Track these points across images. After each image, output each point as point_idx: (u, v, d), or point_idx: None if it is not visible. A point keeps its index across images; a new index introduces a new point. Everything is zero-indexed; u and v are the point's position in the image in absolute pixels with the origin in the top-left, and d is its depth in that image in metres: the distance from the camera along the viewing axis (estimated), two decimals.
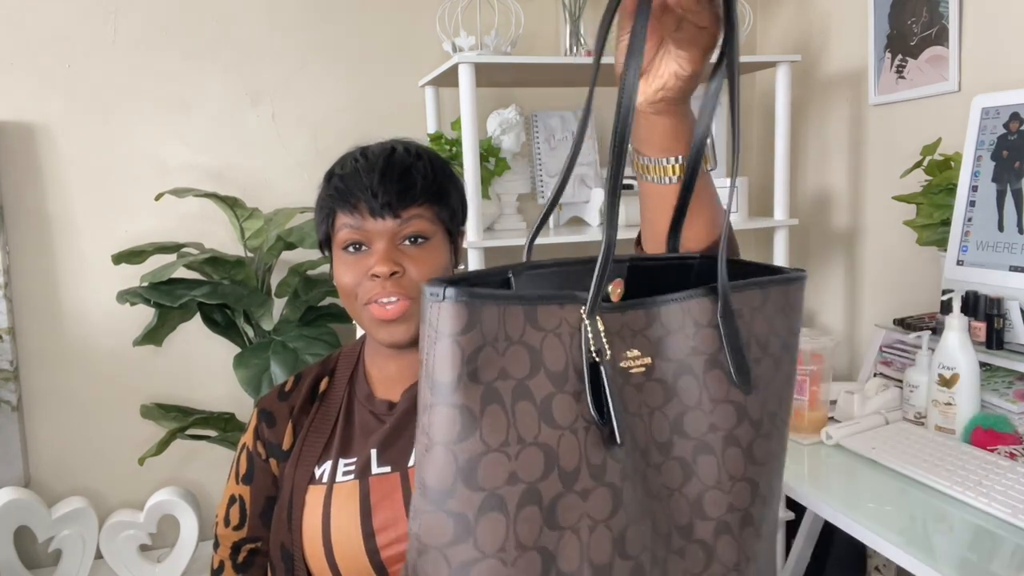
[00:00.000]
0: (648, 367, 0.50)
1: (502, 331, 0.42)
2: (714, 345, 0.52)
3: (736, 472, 0.52)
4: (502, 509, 0.42)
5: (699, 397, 0.51)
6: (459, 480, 0.41)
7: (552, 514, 0.43)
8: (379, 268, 0.80)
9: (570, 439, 0.44)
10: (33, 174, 1.92)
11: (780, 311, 0.55)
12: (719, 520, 0.51)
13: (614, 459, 0.46)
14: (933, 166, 1.58)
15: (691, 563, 0.51)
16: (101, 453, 2.02)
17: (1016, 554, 0.94)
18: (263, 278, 1.92)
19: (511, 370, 0.42)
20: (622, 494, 0.46)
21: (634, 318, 0.50)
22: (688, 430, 0.51)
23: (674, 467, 0.51)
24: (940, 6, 1.71)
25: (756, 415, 0.53)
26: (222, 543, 0.90)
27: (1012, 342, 1.33)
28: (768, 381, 0.54)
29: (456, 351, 0.41)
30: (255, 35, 2.04)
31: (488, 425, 0.42)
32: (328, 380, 0.93)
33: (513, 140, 1.96)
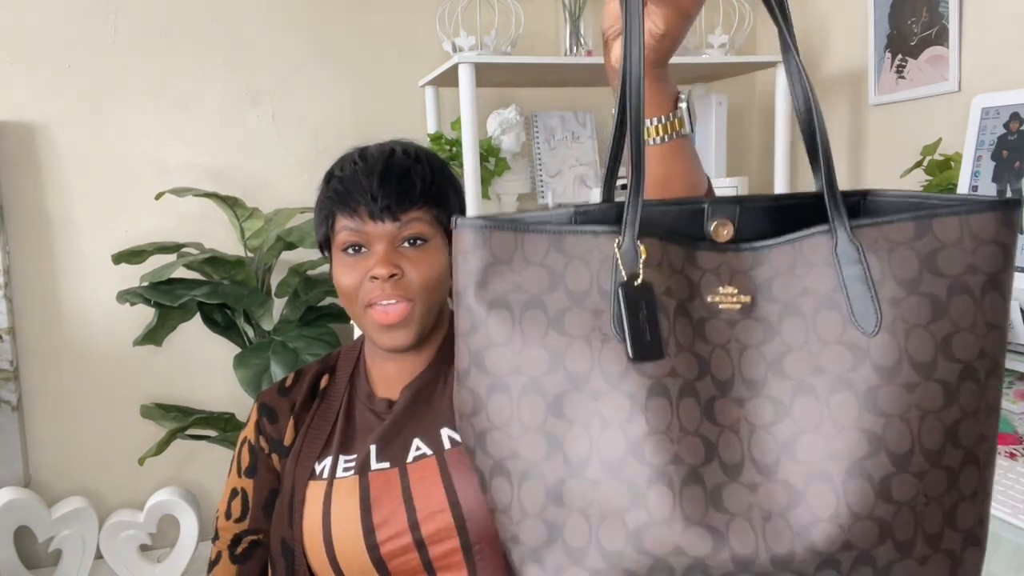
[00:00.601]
0: (746, 305, 0.52)
1: (519, 253, 0.51)
2: (829, 284, 0.50)
3: (845, 419, 0.48)
4: (506, 393, 0.51)
5: (805, 338, 0.50)
6: (472, 365, 0.52)
7: (558, 406, 0.50)
8: (378, 270, 0.80)
9: (580, 346, 0.50)
10: (33, 174, 1.92)
11: (953, 246, 0.50)
12: (814, 465, 0.48)
13: (642, 373, 0.49)
14: (933, 166, 1.58)
15: (765, 499, 0.49)
16: (101, 453, 2.02)
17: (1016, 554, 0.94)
18: (263, 278, 1.92)
19: (526, 285, 0.51)
20: (646, 407, 0.48)
21: (737, 258, 0.53)
22: (788, 370, 0.50)
23: (764, 404, 0.50)
24: (940, 6, 1.71)
25: (887, 360, 0.48)
26: (222, 535, 0.90)
27: (1012, 342, 1.33)
28: (917, 324, 0.49)
29: (465, 265, 0.51)
30: (255, 35, 2.04)
31: (493, 325, 0.51)
32: (329, 377, 0.93)
33: (513, 140, 1.96)
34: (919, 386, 0.48)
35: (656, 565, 0.48)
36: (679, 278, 0.51)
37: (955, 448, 0.49)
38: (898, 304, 0.49)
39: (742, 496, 0.48)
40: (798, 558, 0.48)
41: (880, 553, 0.48)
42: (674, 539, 0.47)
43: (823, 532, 0.47)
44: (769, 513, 0.48)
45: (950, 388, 0.49)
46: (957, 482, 0.50)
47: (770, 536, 0.48)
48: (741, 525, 0.48)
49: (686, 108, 0.63)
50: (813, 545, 0.47)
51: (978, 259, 0.50)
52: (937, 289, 0.49)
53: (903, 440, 0.48)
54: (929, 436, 0.49)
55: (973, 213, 0.50)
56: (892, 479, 0.48)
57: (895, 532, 0.48)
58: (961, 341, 0.49)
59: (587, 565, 0.49)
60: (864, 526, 0.48)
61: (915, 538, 0.49)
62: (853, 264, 0.50)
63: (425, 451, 0.84)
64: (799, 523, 0.48)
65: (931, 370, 0.49)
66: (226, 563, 0.89)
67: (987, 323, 0.50)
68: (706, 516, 0.48)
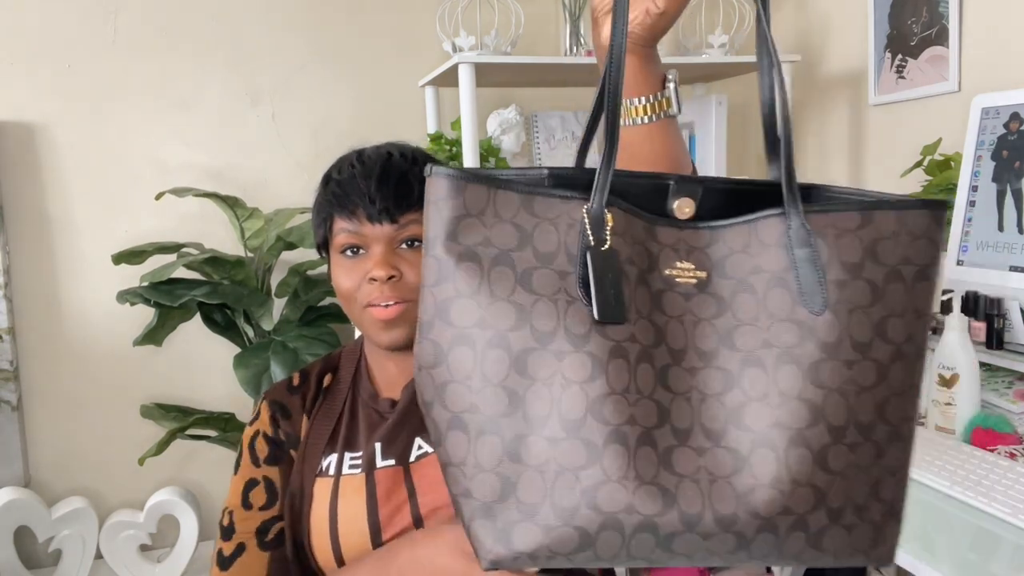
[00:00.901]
0: (702, 280, 0.54)
1: (491, 208, 0.52)
2: (781, 264, 0.53)
3: (789, 390, 0.51)
4: (470, 345, 0.51)
5: (755, 314, 0.53)
6: (437, 316, 0.52)
7: (522, 363, 0.51)
8: (377, 272, 0.81)
9: (546, 305, 0.51)
10: (33, 174, 1.92)
11: (889, 238, 0.53)
12: (758, 433, 0.51)
13: (603, 336, 0.50)
14: (933, 166, 1.58)
15: (711, 463, 0.51)
16: (101, 453, 2.02)
17: (1016, 554, 0.94)
18: (263, 278, 1.92)
19: (495, 240, 0.52)
20: (607, 368, 0.50)
21: (695, 235, 0.55)
22: (738, 343, 0.53)
23: (714, 374, 0.53)
24: (940, 6, 1.71)
25: (830, 338, 0.52)
26: (241, 527, 0.87)
27: (1012, 342, 1.33)
28: (858, 306, 0.52)
29: (436, 213, 0.52)
30: (255, 35, 2.04)
31: (462, 277, 0.51)
32: (332, 376, 0.94)
33: (513, 140, 1.96)
34: (857, 363, 0.52)
35: (607, 522, 0.50)
36: (640, 249, 0.54)
37: (884, 424, 0.53)
38: (843, 287, 0.53)
39: (691, 459, 0.51)
40: (740, 520, 0.50)
41: (813, 519, 0.51)
42: (627, 497, 0.49)
43: (764, 496, 0.50)
44: (715, 476, 0.51)
45: (883, 367, 0.53)
46: (883, 457, 0.53)
47: (715, 498, 0.50)
48: (689, 487, 0.50)
49: (673, 89, 0.64)
50: (755, 508, 0.50)
51: (912, 251, 0.54)
52: (876, 276, 0.53)
53: (840, 413, 0.51)
54: (863, 411, 0.52)
55: (909, 210, 0.54)
56: (829, 449, 0.51)
57: (829, 500, 0.51)
58: (894, 325, 0.53)
59: (539, 521, 0.50)
60: (802, 492, 0.51)
61: (845, 507, 0.52)
62: (804, 247, 0.53)
63: (427, 449, 0.85)
64: (743, 487, 0.50)
65: (868, 349, 0.52)
66: (255, 552, 0.86)
67: (915, 310, 0.54)
68: (657, 476, 0.50)
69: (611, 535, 0.50)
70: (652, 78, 0.63)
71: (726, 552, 0.51)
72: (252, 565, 0.86)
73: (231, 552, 0.87)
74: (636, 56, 0.62)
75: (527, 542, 0.50)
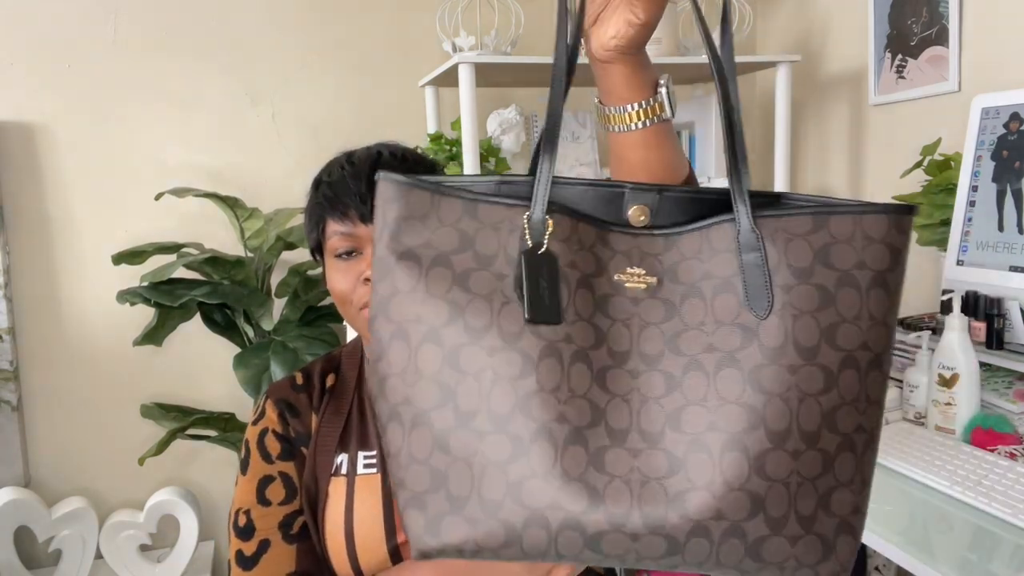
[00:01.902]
0: (652, 286, 0.55)
1: (434, 213, 0.55)
2: (730, 269, 0.54)
3: (728, 394, 0.51)
4: (406, 340, 0.53)
5: (702, 318, 0.53)
6: (379, 311, 0.55)
7: (455, 358, 0.52)
8: (371, 273, 0.80)
9: (481, 304, 0.53)
10: (33, 174, 1.92)
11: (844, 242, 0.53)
12: (694, 436, 0.51)
13: (537, 335, 0.52)
14: (933, 166, 1.58)
15: (645, 464, 0.51)
16: (101, 453, 2.02)
17: (1016, 554, 0.94)
18: (263, 278, 1.92)
19: (436, 243, 0.54)
20: (538, 366, 0.51)
21: (650, 242, 0.56)
22: (683, 348, 0.53)
23: (656, 378, 0.53)
24: (940, 6, 1.71)
25: (773, 342, 0.51)
26: (261, 524, 0.85)
27: (1012, 342, 1.33)
28: (804, 311, 0.52)
29: (381, 215, 0.55)
30: (255, 35, 2.04)
31: (400, 275, 0.54)
32: (335, 376, 0.94)
33: (513, 140, 1.96)
34: (801, 368, 0.51)
35: (532, 518, 0.50)
36: (586, 254, 0.55)
37: (832, 433, 0.51)
38: (789, 291, 0.52)
39: (624, 460, 0.51)
40: (670, 523, 0.50)
41: (751, 527, 0.50)
42: (551, 493, 0.50)
43: (696, 499, 0.50)
44: (647, 478, 0.50)
45: (830, 374, 0.51)
46: (832, 467, 0.52)
47: (645, 499, 0.50)
48: (619, 487, 0.50)
49: (666, 93, 0.64)
50: (686, 511, 0.50)
51: (867, 256, 0.53)
52: (827, 280, 0.53)
53: (782, 418, 0.50)
54: (807, 417, 0.51)
55: (866, 214, 0.53)
56: (767, 455, 0.50)
57: (767, 507, 0.50)
58: (845, 331, 0.52)
59: (466, 514, 0.51)
60: (736, 497, 0.50)
61: (787, 516, 0.51)
62: (752, 251, 0.53)
63: None
64: (675, 489, 0.50)
65: (814, 354, 0.51)
66: (281, 546, 0.84)
67: (871, 317, 0.53)
68: (585, 474, 0.50)
69: (536, 531, 0.50)
70: (644, 83, 0.64)
71: (658, 556, 0.51)
72: (280, 559, 0.83)
73: (254, 551, 0.84)
74: (625, 64, 0.62)
75: (454, 534, 0.52)
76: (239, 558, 0.85)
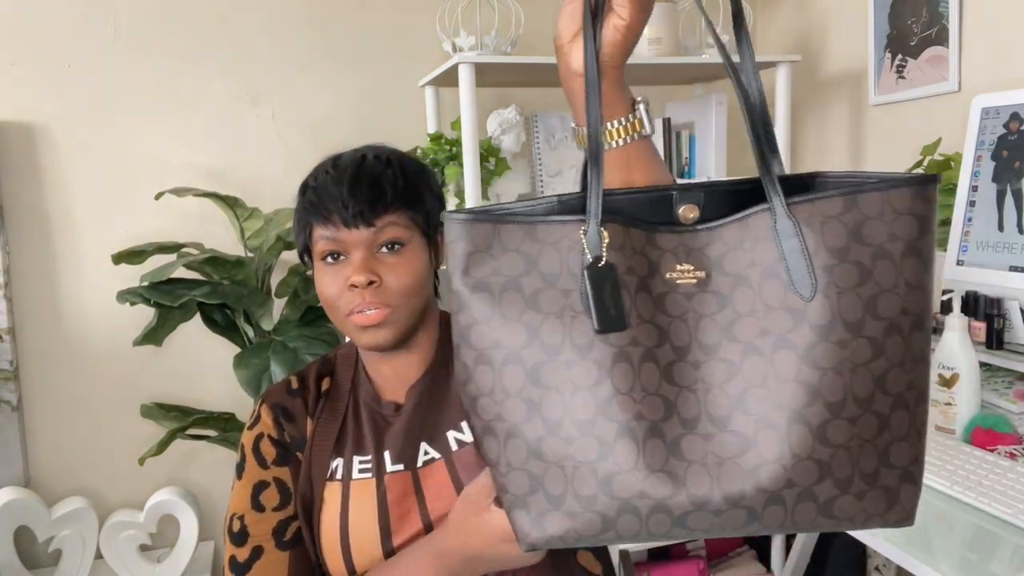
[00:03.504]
0: (702, 280, 0.58)
1: (497, 242, 0.58)
2: (772, 256, 0.57)
3: (787, 373, 0.55)
4: (489, 364, 0.58)
5: (753, 305, 0.57)
6: (461, 340, 0.59)
7: (535, 374, 0.57)
8: (356, 278, 0.80)
9: (553, 322, 0.57)
10: (33, 174, 1.92)
11: (874, 218, 0.56)
12: (761, 416, 0.55)
13: (606, 343, 0.56)
14: (933, 166, 1.58)
15: (718, 447, 0.55)
16: (101, 453, 2.02)
17: (1016, 554, 0.94)
18: (263, 278, 1.92)
19: (504, 270, 0.58)
20: (611, 372, 0.55)
21: (693, 238, 0.59)
22: (738, 334, 0.57)
23: (717, 366, 0.57)
24: (940, 6, 1.71)
25: (821, 320, 0.55)
26: (255, 531, 0.86)
27: (1012, 342, 1.33)
28: (846, 288, 0.55)
29: (451, 253, 0.59)
30: (255, 35, 2.04)
31: (476, 306, 0.58)
32: (330, 379, 0.93)
33: (513, 140, 1.96)
34: (850, 343, 0.55)
35: (623, 507, 0.55)
36: (640, 258, 0.58)
37: (884, 395, 0.56)
38: (830, 271, 0.56)
39: (698, 445, 0.56)
40: (748, 496, 0.55)
41: (821, 490, 0.55)
42: (638, 485, 0.55)
43: (769, 472, 0.54)
44: (722, 459, 0.55)
45: (877, 343, 0.56)
46: (889, 425, 0.56)
47: (723, 478, 0.55)
48: (697, 470, 0.55)
49: (644, 109, 0.65)
50: (761, 484, 0.54)
51: (896, 228, 0.56)
52: (863, 256, 0.56)
53: (837, 390, 0.55)
54: (860, 385, 0.55)
55: (892, 189, 0.56)
56: (828, 424, 0.55)
57: (834, 471, 0.55)
58: (885, 301, 0.56)
59: (565, 509, 0.57)
60: (805, 466, 0.54)
61: (852, 476, 0.56)
62: (790, 237, 0.56)
63: (433, 455, 0.85)
64: (749, 465, 0.55)
65: (860, 328, 0.55)
66: (273, 553, 0.84)
67: (907, 283, 0.56)
68: (666, 464, 0.55)
69: (629, 518, 0.56)
70: (622, 101, 0.65)
71: (739, 526, 0.56)
72: (272, 566, 0.84)
73: (247, 557, 0.85)
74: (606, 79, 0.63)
75: (557, 527, 0.57)
76: (232, 564, 0.85)
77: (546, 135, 2.15)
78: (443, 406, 0.88)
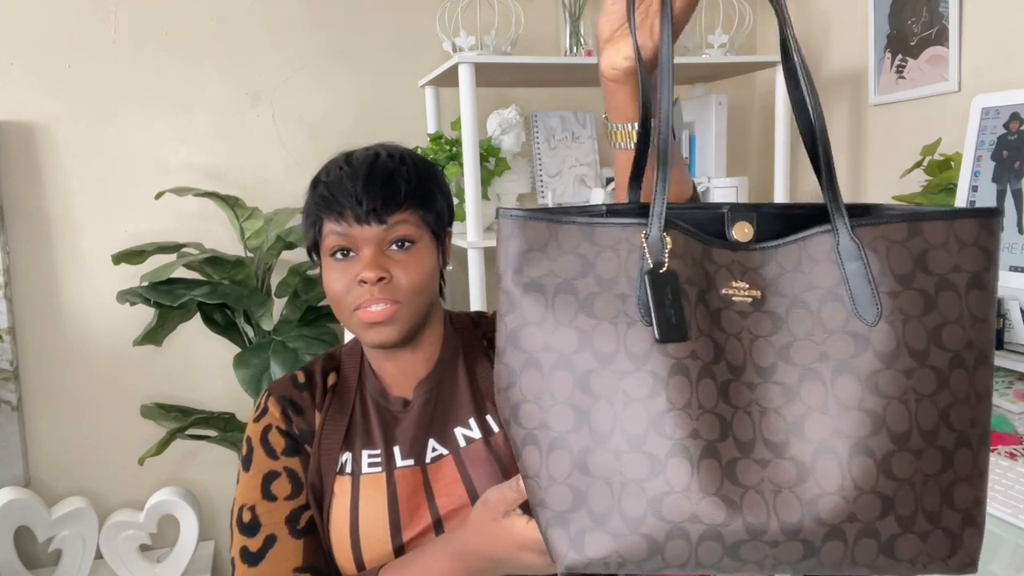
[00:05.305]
0: (756, 299, 0.56)
1: (554, 242, 0.56)
2: (833, 279, 0.55)
3: (849, 400, 0.53)
4: (538, 368, 0.55)
5: (811, 328, 0.55)
6: (508, 343, 0.57)
7: (585, 382, 0.54)
8: (366, 274, 0.80)
9: (607, 328, 0.54)
10: (33, 174, 1.92)
11: (939, 247, 0.55)
12: (820, 443, 0.52)
13: (664, 354, 0.53)
14: (933, 166, 1.58)
15: (774, 474, 0.52)
16: (101, 453, 2.02)
17: (1016, 554, 0.94)
18: (263, 278, 1.92)
19: (559, 271, 0.56)
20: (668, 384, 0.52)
21: (747, 256, 0.57)
22: (795, 358, 0.55)
23: (773, 389, 0.54)
24: (940, 6, 1.71)
25: (886, 348, 0.53)
26: (267, 520, 0.84)
27: (1012, 342, 1.33)
28: (912, 315, 0.54)
29: (504, 251, 0.57)
30: (255, 35, 2.04)
31: (528, 307, 0.56)
32: (336, 375, 0.93)
33: (513, 140, 1.96)
34: (915, 371, 0.53)
35: (673, 531, 0.52)
36: (698, 269, 0.56)
37: (949, 430, 0.53)
38: (896, 297, 0.54)
39: (754, 471, 0.52)
40: (806, 528, 0.51)
41: (883, 526, 0.52)
42: (691, 508, 0.51)
43: (829, 504, 0.51)
44: (779, 487, 0.52)
45: (942, 374, 0.53)
46: (952, 463, 0.54)
47: (780, 508, 0.51)
48: (754, 497, 0.52)
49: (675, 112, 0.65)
50: (820, 516, 0.51)
51: (962, 259, 0.55)
52: (927, 285, 0.55)
53: (902, 420, 0.52)
54: (925, 417, 0.53)
55: (957, 219, 0.55)
56: (893, 456, 0.52)
57: (897, 507, 0.52)
58: (950, 332, 0.54)
59: (609, 529, 0.53)
60: (867, 499, 0.51)
61: (916, 514, 0.53)
62: (854, 260, 0.54)
63: (441, 451, 0.86)
64: (807, 496, 0.52)
65: (925, 357, 0.53)
66: (288, 541, 0.83)
67: (972, 316, 0.55)
68: (721, 487, 0.51)
69: (678, 543, 0.52)
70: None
71: (795, 560, 0.53)
72: (287, 554, 0.83)
73: (259, 547, 0.83)
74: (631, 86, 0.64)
75: (598, 549, 0.53)
76: (244, 554, 0.83)
77: (546, 135, 2.15)
78: (450, 403, 0.88)
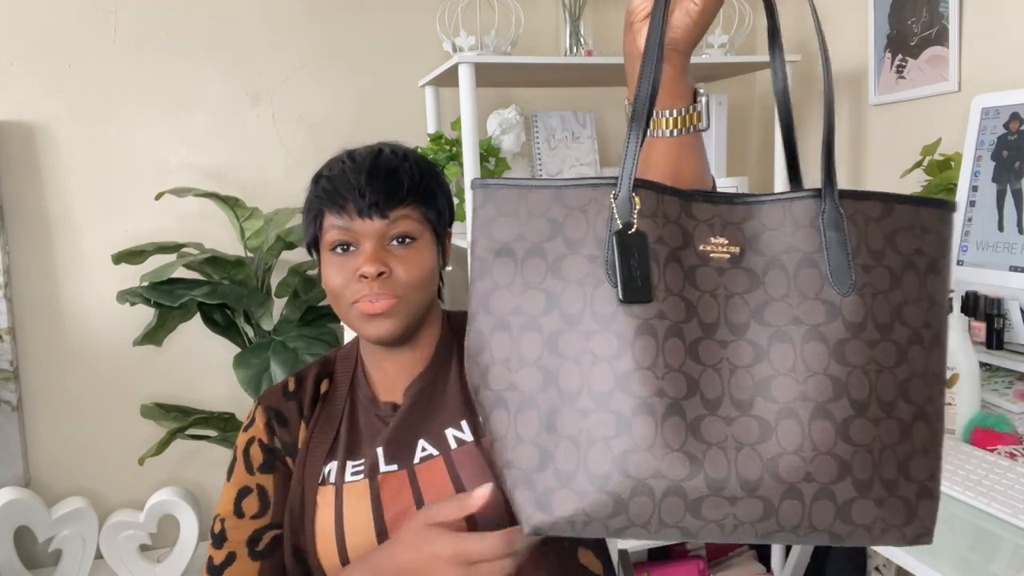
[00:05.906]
0: (735, 256, 0.57)
1: (524, 207, 0.57)
2: (812, 245, 0.56)
3: (816, 365, 0.54)
4: (507, 331, 0.57)
5: (786, 291, 0.56)
6: (480, 308, 0.58)
7: (554, 343, 0.55)
8: (367, 268, 0.80)
9: (574, 290, 0.55)
10: (33, 174, 1.92)
11: (907, 229, 0.57)
12: (784, 404, 0.54)
13: (630, 315, 0.54)
14: (933, 166, 1.58)
15: (738, 431, 0.54)
16: (101, 453, 2.02)
17: (1016, 554, 0.94)
18: (263, 278, 1.92)
19: (528, 234, 0.57)
20: (634, 345, 0.53)
21: (729, 211, 0.58)
22: (768, 318, 0.56)
23: (744, 347, 0.56)
24: (940, 6, 1.71)
25: (856, 318, 0.55)
26: (232, 536, 0.87)
27: (1012, 342, 1.33)
28: (880, 291, 0.56)
29: (476, 218, 0.58)
30: (255, 35, 2.04)
31: (499, 271, 0.57)
32: (329, 382, 0.93)
33: (513, 140, 1.96)
34: (879, 343, 0.55)
35: (637, 487, 0.53)
36: (673, 227, 0.56)
37: (907, 403, 0.56)
38: (869, 271, 0.56)
39: (719, 428, 0.54)
40: (765, 484, 0.53)
41: (840, 489, 0.54)
42: (655, 464, 0.53)
43: (788, 463, 0.54)
44: (742, 444, 0.54)
45: (902, 349, 0.56)
46: (911, 435, 0.56)
47: (742, 464, 0.54)
48: (716, 453, 0.54)
49: (704, 103, 0.65)
50: (779, 474, 0.53)
51: (923, 244, 0.58)
52: (895, 263, 0.57)
53: (863, 389, 0.55)
54: (884, 388, 0.55)
55: (922, 206, 0.58)
56: (852, 421, 0.54)
57: (854, 471, 0.54)
58: (911, 310, 0.57)
59: (575, 487, 0.54)
60: (824, 461, 0.54)
61: (872, 480, 0.55)
62: (835, 229, 0.56)
63: (432, 452, 0.85)
64: (768, 454, 0.54)
65: (889, 331, 0.56)
66: (245, 561, 0.85)
67: (929, 298, 0.58)
68: (685, 444, 0.53)
69: (642, 500, 0.53)
70: (685, 90, 0.64)
71: (755, 519, 0.54)
72: (243, 574, 0.85)
73: (221, 561, 0.86)
74: (672, 65, 0.62)
75: (565, 508, 0.54)
76: (209, 565, 0.87)
77: (546, 135, 2.15)
78: (442, 404, 0.88)
